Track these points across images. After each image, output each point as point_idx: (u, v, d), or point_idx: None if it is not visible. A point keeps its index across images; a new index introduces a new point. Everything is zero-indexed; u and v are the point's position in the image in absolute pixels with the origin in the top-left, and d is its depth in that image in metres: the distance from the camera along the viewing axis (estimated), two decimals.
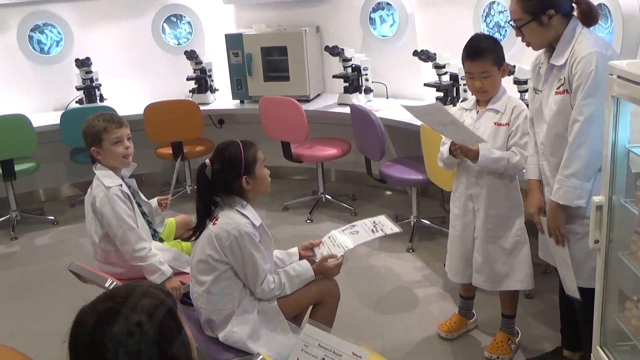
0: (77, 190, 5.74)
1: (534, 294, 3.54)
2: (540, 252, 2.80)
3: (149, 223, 3.08)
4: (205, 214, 2.53)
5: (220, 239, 2.44)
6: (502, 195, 2.85)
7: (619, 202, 2.18)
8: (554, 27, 2.41)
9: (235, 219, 2.46)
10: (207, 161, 2.52)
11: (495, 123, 2.79)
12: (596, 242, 2.23)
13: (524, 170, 2.75)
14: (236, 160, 2.48)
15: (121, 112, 4.25)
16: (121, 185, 2.90)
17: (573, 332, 2.76)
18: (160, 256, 2.87)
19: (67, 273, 2.85)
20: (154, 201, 3.24)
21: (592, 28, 2.47)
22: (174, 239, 3.25)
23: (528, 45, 2.52)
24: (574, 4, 2.43)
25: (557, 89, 2.44)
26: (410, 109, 2.75)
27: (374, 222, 2.77)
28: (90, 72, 5.31)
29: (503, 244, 2.90)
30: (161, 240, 3.13)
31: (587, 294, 2.51)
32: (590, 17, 2.42)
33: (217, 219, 2.48)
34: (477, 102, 2.90)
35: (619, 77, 2.04)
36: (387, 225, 2.74)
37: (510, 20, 2.49)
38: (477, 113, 2.86)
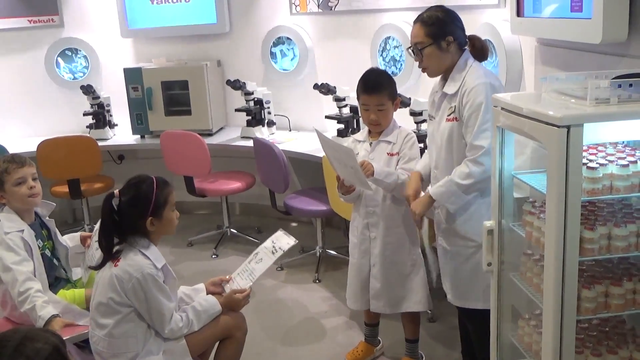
0: None
1: (436, 318, 3.66)
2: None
3: (58, 263, 2.95)
4: (109, 249, 2.46)
5: (122, 281, 2.38)
6: (397, 222, 2.97)
7: (508, 225, 2.33)
8: (450, 54, 2.61)
9: (137, 261, 2.40)
10: (116, 192, 2.45)
11: (388, 153, 2.95)
12: (489, 264, 2.36)
13: None
14: (146, 199, 2.43)
15: (13, 150, 4.09)
16: (22, 231, 2.77)
17: (473, 354, 2.89)
18: (44, 300, 2.64)
19: None
20: (76, 236, 3.09)
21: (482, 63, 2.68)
22: None
23: (424, 70, 2.68)
24: (467, 39, 2.63)
25: (448, 116, 2.62)
26: (320, 135, 2.82)
27: (273, 242, 2.82)
28: None
29: (401, 268, 3.01)
30: (68, 282, 2.97)
31: (478, 315, 2.65)
32: (481, 53, 2.67)
33: (118, 260, 2.42)
34: (369, 133, 3.02)
35: (502, 108, 2.20)
36: (283, 241, 2.80)
37: (410, 47, 2.66)
38: (370, 145, 2.98)
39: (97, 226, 3.02)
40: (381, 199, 2.97)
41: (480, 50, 2.66)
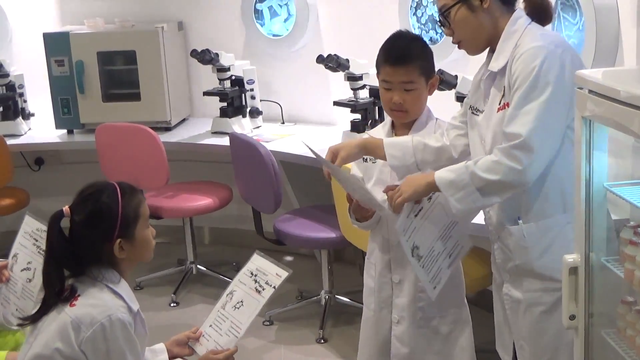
0: None
1: None
2: (497, 343, 2.91)
3: None
4: (55, 288, 2.45)
5: (79, 327, 2.36)
6: None
7: (599, 261, 2.31)
8: (489, 16, 2.57)
9: (105, 299, 2.41)
10: (66, 208, 2.47)
11: None
12: (572, 317, 2.34)
13: None
14: (109, 215, 2.45)
15: None
16: None
17: None
18: None
19: None
20: None
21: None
22: None
23: (460, 46, 2.67)
24: None
25: (499, 104, 2.58)
26: (313, 151, 2.82)
27: (252, 274, 2.79)
28: None
29: (437, 326, 2.99)
30: None
31: None
32: (541, 14, 2.63)
33: (76, 298, 2.42)
34: (393, 126, 3.01)
35: (590, 91, 2.18)
36: (269, 271, 2.75)
37: (438, 17, 2.65)
38: None
39: (13, 251, 3.03)
40: None
41: (539, 8, 2.63)
